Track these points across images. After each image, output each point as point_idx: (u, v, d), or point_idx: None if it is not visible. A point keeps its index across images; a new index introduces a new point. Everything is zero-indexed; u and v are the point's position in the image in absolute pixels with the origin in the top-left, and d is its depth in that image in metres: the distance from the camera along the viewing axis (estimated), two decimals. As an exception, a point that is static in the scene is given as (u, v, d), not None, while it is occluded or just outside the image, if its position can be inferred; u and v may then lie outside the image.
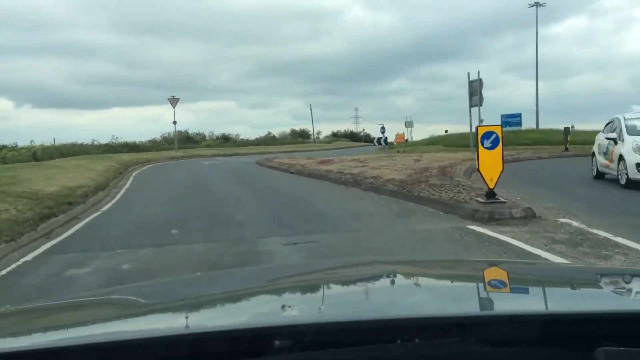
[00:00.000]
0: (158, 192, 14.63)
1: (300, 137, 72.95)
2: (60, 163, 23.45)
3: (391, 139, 36.41)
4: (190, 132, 62.22)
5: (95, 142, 42.68)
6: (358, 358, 0.99)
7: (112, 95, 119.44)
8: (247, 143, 59.59)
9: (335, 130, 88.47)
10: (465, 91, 25.64)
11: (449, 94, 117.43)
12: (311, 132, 78.63)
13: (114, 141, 45.73)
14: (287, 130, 77.34)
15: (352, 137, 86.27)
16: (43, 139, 37.41)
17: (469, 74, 25.26)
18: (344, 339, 1.00)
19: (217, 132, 63.88)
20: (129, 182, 18.03)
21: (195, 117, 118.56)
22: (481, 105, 24.05)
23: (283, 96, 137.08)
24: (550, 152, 25.39)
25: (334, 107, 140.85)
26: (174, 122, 40.85)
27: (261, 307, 1.39)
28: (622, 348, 0.97)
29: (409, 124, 57.80)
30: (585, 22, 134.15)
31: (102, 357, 0.96)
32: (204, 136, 62.46)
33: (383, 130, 30.02)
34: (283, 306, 1.20)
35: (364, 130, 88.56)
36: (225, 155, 40.40)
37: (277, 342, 0.95)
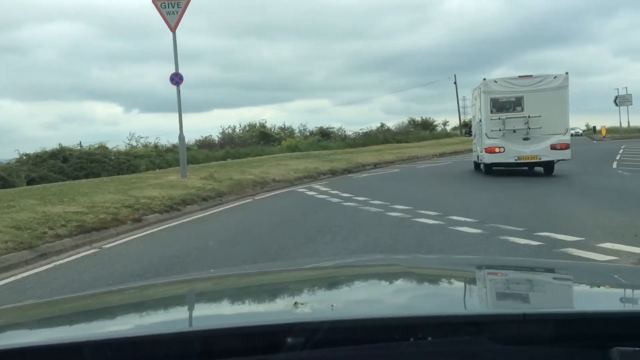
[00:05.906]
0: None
1: (423, 128, 52.00)
2: None
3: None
4: (268, 125, 41.24)
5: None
6: (370, 355, 0.98)
7: (213, 98, 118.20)
8: (354, 142, 37.96)
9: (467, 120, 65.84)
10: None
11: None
12: (436, 122, 56.31)
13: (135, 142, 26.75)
14: (404, 120, 56.97)
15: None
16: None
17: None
18: (357, 336, 0.99)
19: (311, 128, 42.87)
20: None
21: (290, 116, 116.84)
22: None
23: (377, 91, 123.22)
24: None
25: (430, 100, 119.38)
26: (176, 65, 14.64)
27: (274, 304, 1.41)
28: (637, 348, 0.95)
29: (623, 100, 33.94)
30: None
31: (117, 353, 0.96)
32: (292, 131, 41.28)
33: None
34: (295, 303, 1.19)
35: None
36: (333, 175, 18.47)
37: (289, 339, 0.95)
